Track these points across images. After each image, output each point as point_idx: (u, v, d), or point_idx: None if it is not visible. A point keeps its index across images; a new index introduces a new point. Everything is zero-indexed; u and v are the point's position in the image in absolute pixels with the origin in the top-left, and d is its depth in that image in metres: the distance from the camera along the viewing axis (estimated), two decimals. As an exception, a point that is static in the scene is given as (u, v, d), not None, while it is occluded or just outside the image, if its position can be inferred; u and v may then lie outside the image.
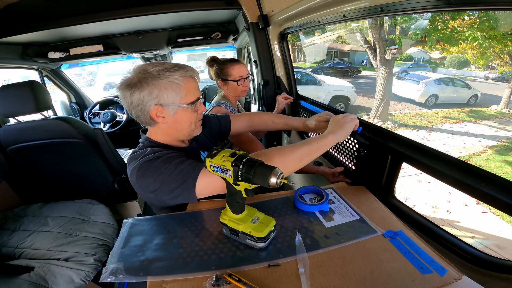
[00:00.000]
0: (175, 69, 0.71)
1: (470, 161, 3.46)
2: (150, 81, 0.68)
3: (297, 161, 0.70)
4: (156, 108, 0.70)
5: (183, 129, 0.77)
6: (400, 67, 11.23)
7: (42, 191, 1.64)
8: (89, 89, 8.71)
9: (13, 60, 1.78)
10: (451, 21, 5.22)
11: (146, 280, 0.52)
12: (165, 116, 0.72)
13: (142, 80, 0.68)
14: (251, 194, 0.57)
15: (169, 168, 0.67)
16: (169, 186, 0.67)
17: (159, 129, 0.76)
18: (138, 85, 0.68)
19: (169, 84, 0.69)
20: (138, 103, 0.69)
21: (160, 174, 0.67)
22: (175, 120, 0.74)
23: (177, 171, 0.67)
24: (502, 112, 7.09)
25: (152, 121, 0.73)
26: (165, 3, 1.47)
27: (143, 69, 0.70)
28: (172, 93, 0.70)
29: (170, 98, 0.70)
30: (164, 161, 0.69)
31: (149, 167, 0.69)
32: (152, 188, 0.69)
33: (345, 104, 7.15)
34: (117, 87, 0.72)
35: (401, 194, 3.50)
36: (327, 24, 1.14)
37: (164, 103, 0.70)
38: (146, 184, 0.70)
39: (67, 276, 1.10)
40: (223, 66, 1.34)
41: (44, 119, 1.36)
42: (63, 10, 1.42)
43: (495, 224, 2.99)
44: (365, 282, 0.50)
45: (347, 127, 0.78)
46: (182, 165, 0.68)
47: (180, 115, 0.73)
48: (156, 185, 0.68)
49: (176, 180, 0.67)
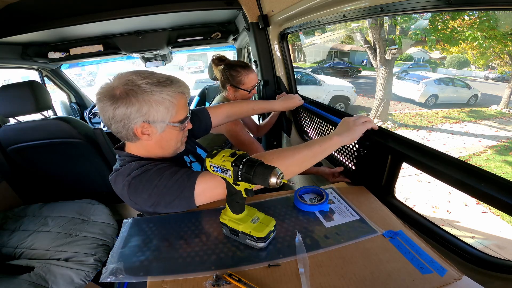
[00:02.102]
0: (167, 83, 0.64)
1: (470, 161, 3.47)
2: (140, 96, 0.61)
3: (298, 165, 0.68)
4: (143, 125, 0.63)
5: (169, 147, 0.72)
6: (400, 67, 11.24)
7: (42, 191, 1.64)
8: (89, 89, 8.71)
9: (13, 60, 1.79)
10: (451, 21, 5.22)
11: (146, 280, 0.52)
12: (150, 134, 0.65)
13: (130, 93, 0.60)
14: (251, 194, 0.57)
15: (162, 181, 0.63)
16: (165, 199, 0.64)
17: (142, 145, 0.70)
18: (125, 99, 0.60)
19: (161, 101, 0.62)
20: (121, 118, 0.61)
21: (154, 188, 0.63)
22: (161, 138, 0.68)
23: (171, 182, 0.63)
24: (502, 112, 7.09)
25: (134, 138, 0.66)
26: (165, 3, 1.47)
27: (131, 80, 0.62)
28: (163, 110, 0.63)
29: (160, 116, 0.63)
30: (156, 174, 0.65)
31: (140, 182, 0.64)
32: (148, 203, 0.66)
33: (345, 104, 7.15)
34: (97, 96, 0.63)
35: (401, 194, 3.50)
36: (327, 24, 1.14)
37: (153, 120, 0.63)
38: (141, 200, 0.66)
39: (67, 276, 1.10)
40: (236, 73, 1.29)
41: (44, 119, 1.36)
42: (63, 10, 1.42)
43: (495, 224, 2.99)
44: (365, 282, 0.50)
45: (356, 131, 0.75)
46: (176, 175, 0.64)
47: (168, 133, 0.68)
48: (152, 199, 0.65)
49: (172, 192, 0.64)
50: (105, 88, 0.63)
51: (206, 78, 4.77)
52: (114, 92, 0.61)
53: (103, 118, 0.64)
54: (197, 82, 6.87)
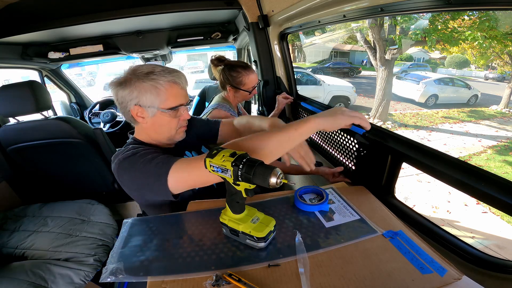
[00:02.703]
0: (162, 73, 0.72)
1: (470, 161, 3.46)
2: (133, 82, 0.71)
3: (274, 150, 0.64)
4: (136, 108, 0.72)
5: (162, 133, 0.78)
6: (400, 67, 11.24)
7: (42, 191, 1.64)
8: (89, 89, 8.72)
9: (13, 60, 1.79)
10: (451, 21, 5.22)
11: (146, 280, 0.52)
12: (144, 117, 0.74)
13: (127, 80, 0.71)
14: (251, 194, 0.57)
15: (144, 164, 0.68)
16: (146, 182, 0.67)
17: (142, 128, 0.79)
18: (123, 84, 0.72)
19: (149, 87, 0.71)
20: (121, 100, 0.73)
21: (136, 171, 0.68)
22: (153, 123, 0.76)
23: (151, 166, 0.67)
24: (502, 112, 7.09)
25: (133, 120, 0.76)
26: (165, 3, 1.47)
27: (133, 69, 0.73)
28: (150, 96, 0.71)
29: (148, 101, 0.72)
30: (140, 157, 0.69)
31: (127, 163, 0.70)
32: (133, 186, 0.70)
33: (345, 104, 7.16)
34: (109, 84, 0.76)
35: (401, 194, 3.50)
36: (327, 24, 1.14)
37: (143, 104, 0.72)
38: (126, 181, 0.71)
39: (66, 276, 1.10)
40: (236, 74, 1.28)
41: (44, 119, 1.36)
42: (63, 10, 1.42)
43: (495, 224, 2.99)
44: (365, 282, 0.50)
45: (339, 119, 0.68)
46: (156, 159, 0.68)
47: (159, 119, 0.75)
48: (136, 182, 0.69)
49: (151, 176, 0.66)
50: (116, 77, 0.74)
51: (206, 78, 4.76)
52: (119, 79, 0.73)
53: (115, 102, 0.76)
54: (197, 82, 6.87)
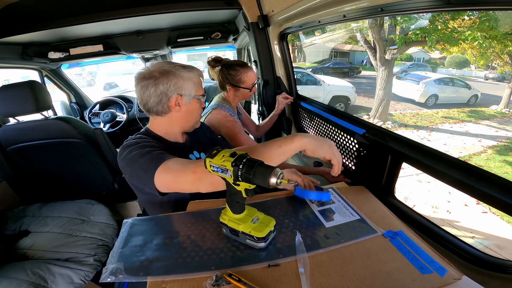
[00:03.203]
0: (190, 68, 0.82)
1: (470, 161, 3.47)
2: (176, 73, 0.78)
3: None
4: (177, 97, 0.79)
5: (192, 118, 0.86)
6: (400, 67, 11.23)
7: (42, 191, 1.64)
8: (89, 89, 8.70)
9: (13, 60, 1.78)
10: (451, 21, 5.21)
11: (146, 280, 0.52)
12: (181, 105, 0.80)
13: (166, 73, 0.77)
14: (251, 194, 0.57)
15: (139, 154, 0.70)
16: (137, 172, 0.70)
17: (168, 119, 0.83)
18: (165, 77, 0.77)
19: (190, 78, 0.80)
20: (161, 91, 0.77)
21: (131, 158, 0.71)
22: (187, 110, 0.83)
23: (144, 158, 0.69)
24: (502, 112, 7.08)
25: (167, 110, 0.80)
26: (165, 3, 1.47)
27: (164, 65, 0.79)
28: (191, 85, 0.81)
29: (188, 89, 0.80)
30: (140, 147, 0.72)
31: (130, 149, 0.73)
32: (127, 171, 0.73)
33: (345, 104, 7.15)
34: (137, 78, 0.78)
35: (401, 194, 3.49)
36: (327, 24, 1.14)
37: (184, 93, 0.80)
38: (123, 166, 0.74)
39: (66, 276, 1.10)
40: (235, 72, 1.28)
41: (44, 119, 1.36)
42: (63, 10, 1.42)
43: (495, 224, 2.99)
44: (365, 282, 0.50)
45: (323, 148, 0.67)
46: (150, 154, 0.70)
47: (193, 105, 0.83)
48: (129, 168, 0.72)
49: (141, 167, 0.69)
50: (145, 71, 0.78)
51: (206, 78, 4.76)
52: (154, 74, 0.77)
53: (141, 95, 0.79)
54: (197, 82, 6.84)
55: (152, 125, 0.86)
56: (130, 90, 6.03)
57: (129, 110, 2.69)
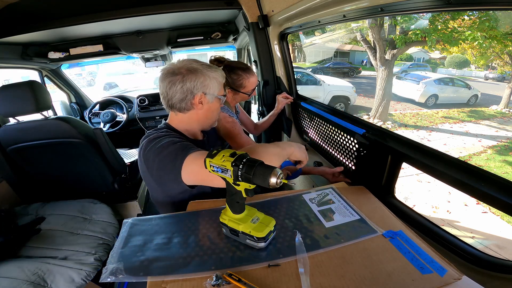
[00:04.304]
0: (214, 68, 0.84)
1: (470, 161, 3.46)
2: (204, 72, 0.80)
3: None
4: (201, 95, 0.80)
5: (212, 117, 0.88)
6: (400, 67, 11.23)
7: (42, 191, 1.64)
8: (89, 89, 8.69)
9: (13, 60, 1.78)
10: (451, 21, 5.21)
11: (146, 280, 0.52)
12: (203, 103, 0.82)
13: (194, 71, 0.79)
14: (251, 194, 0.57)
15: (169, 143, 0.72)
16: (165, 160, 0.70)
17: (189, 116, 0.84)
18: (193, 74, 0.78)
19: (216, 77, 0.82)
20: (189, 88, 0.78)
21: (160, 148, 0.72)
22: (209, 108, 0.84)
23: (174, 147, 0.71)
24: (502, 112, 7.08)
25: (190, 107, 0.82)
26: (165, 3, 1.47)
27: (190, 63, 0.80)
28: (216, 84, 0.83)
29: (213, 89, 0.82)
30: (168, 137, 0.74)
31: (153, 142, 0.74)
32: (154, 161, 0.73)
33: (345, 104, 7.14)
34: (164, 73, 0.80)
35: (401, 194, 3.49)
36: (327, 24, 1.14)
37: (208, 92, 0.82)
38: (149, 158, 0.74)
39: (67, 275, 1.10)
40: (237, 76, 1.27)
41: (44, 119, 1.36)
42: (63, 10, 1.42)
43: (495, 224, 2.98)
44: (365, 282, 0.50)
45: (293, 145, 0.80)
46: (181, 143, 0.72)
47: (214, 104, 0.86)
48: (156, 158, 0.72)
49: (171, 155, 0.70)
50: (171, 68, 0.80)
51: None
52: (180, 71, 0.79)
53: (167, 91, 0.80)
54: (197, 82, 6.84)
55: (172, 121, 0.87)
56: (130, 90, 6.03)
57: (129, 110, 2.69)
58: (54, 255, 1.18)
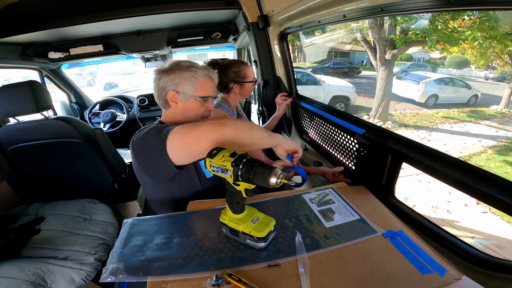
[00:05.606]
0: (200, 68, 0.85)
1: (470, 161, 3.46)
2: (176, 71, 0.83)
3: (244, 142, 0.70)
4: (173, 93, 0.83)
5: (189, 118, 0.88)
6: (400, 67, 11.23)
7: (42, 191, 1.64)
8: (89, 89, 8.70)
9: (13, 60, 1.78)
10: (451, 21, 5.21)
11: (146, 280, 0.52)
12: (177, 102, 0.84)
13: (171, 69, 0.84)
14: (251, 194, 0.57)
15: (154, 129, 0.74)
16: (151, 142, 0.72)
17: (171, 112, 0.88)
18: (167, 72, 0.83)
19: (189, 77, 0.83)
20: (162, 86, 0.84)
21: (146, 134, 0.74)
22: (184, 107, 0.86)
23: (157, 129, 0.73)
24: (502, 112, 7.08)
25: (166, 104, 0.86)
26: (165, 3, 1.47)
27: (177, 62, 0.85)
28: (189, 84, 0.83)
29: (185, 88, 0.83)
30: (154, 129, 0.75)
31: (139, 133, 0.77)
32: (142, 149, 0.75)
33: (345, 104, 7.15)
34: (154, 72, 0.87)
35: (401, 194, 3.49)
36: (327, 24, 1.14)
37: (180, 91, 0.83)
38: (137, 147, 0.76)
39: (67, 275, 1.10)
40: (238, 69, 1.27)
41: (44, 119, 1.36)
42: (63, 10, 1.42)
43: (495, 224, 2.99)
44: (365, 282, 0.50)
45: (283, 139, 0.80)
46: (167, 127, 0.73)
47: (190, 104, 0.86)
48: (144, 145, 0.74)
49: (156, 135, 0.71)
50: (159, 67, 0.86)
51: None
52: (163, 68, 0.85)
53: (154, 87, 0.86)
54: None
55: (163, 117, 0.91)
56: (130, 90, 6.03)
57: (129, 110, 2.69)
58: (54, 255, 1.18)
